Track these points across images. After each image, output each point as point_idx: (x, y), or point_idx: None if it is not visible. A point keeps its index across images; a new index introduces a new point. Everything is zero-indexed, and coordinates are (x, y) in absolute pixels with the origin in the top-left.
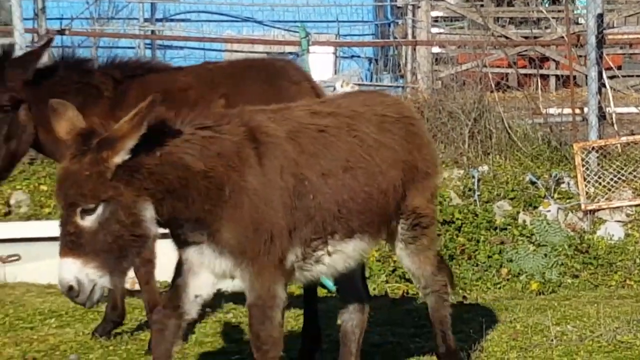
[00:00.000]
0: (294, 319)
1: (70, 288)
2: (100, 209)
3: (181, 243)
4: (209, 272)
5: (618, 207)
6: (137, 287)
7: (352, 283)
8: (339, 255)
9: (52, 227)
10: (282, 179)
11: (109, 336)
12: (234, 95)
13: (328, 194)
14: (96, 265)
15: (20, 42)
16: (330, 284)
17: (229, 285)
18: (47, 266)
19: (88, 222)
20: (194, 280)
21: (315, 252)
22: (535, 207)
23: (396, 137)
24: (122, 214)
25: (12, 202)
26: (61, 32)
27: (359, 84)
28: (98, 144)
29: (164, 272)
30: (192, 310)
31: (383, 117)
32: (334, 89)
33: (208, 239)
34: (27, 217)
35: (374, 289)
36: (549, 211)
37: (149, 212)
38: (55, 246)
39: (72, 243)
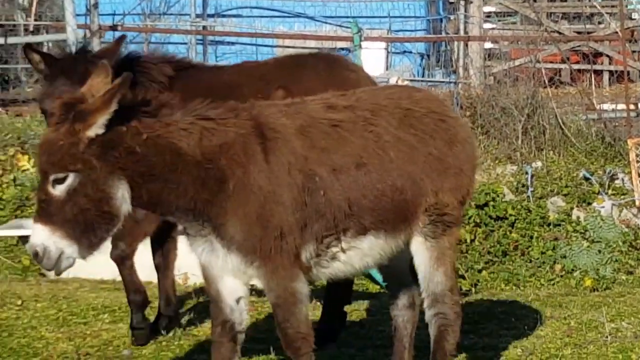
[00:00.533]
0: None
1: (37, 253)
2: (69, 180)
3: (193, 241)
4: (228, 273)
5: None
6: (189, 282)
7: (400, 279)
8: (354, 252)
9: None
10: (289, 175)
11: (162, 331)
12: (293, 84)
13: (339, 190)
14: (63, 234)
15: (73, 38)
16: (380, 279)
17: None
18: (100, 261)
19: (58, 191)
20: (222, 283)
21: (328, 248)
22: (589, 203)
23: (419, 132)
24: (90, 188)
25: None
26: (113, 27)
27: (411, 80)
28: (74, 115)
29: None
30: (241, 317)
31: (407, 112)
32: (387, 83)
33: (213, 232)
34: None
35: None
36: (602, 207)
37: (120, 191)
38: (108, 242)
39: (42, 210)
